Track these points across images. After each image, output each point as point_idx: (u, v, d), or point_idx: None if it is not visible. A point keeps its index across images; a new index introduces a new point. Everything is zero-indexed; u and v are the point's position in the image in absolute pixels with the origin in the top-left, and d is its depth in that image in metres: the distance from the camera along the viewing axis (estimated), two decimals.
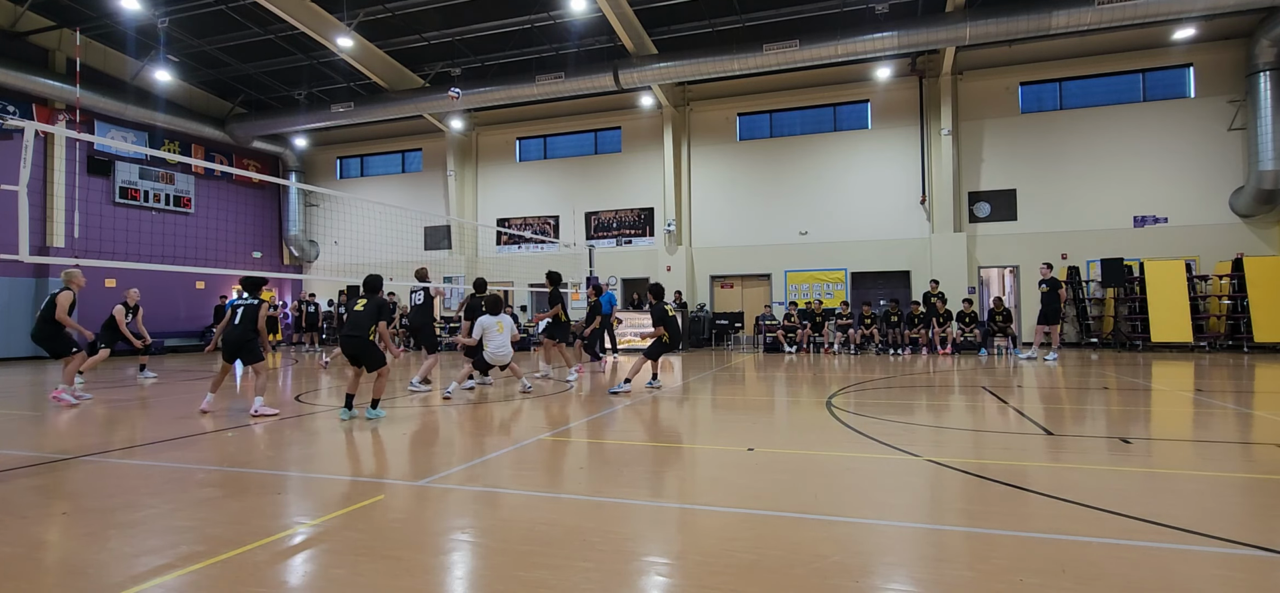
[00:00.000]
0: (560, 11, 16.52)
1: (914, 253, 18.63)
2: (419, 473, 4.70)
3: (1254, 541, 3.06)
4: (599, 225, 21.76)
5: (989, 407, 7.60)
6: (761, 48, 16.13)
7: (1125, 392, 8.48)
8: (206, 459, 5.10)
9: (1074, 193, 17.67)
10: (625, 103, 21.03)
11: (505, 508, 3.90)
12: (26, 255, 6.11)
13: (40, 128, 6.61)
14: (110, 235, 18.32)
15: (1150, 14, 13.94)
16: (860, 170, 19.32)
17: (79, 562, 3.05)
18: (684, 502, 4.01)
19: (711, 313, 20.13)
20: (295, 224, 24.49)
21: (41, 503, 3.99)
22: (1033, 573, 2.73)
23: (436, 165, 23.49)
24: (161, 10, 16.33)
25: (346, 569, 2.88)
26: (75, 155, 18.51)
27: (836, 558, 2.96)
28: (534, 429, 6.32)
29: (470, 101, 19.23)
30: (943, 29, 15.23)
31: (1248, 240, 16.22)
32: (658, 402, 8.17)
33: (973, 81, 18.45)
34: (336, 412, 7.25)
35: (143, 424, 7.00)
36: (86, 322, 10.91)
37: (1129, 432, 5.85)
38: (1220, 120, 16.68)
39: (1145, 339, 15.55)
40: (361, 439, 6.04)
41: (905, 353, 15.77)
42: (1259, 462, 4.82)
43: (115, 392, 9.78)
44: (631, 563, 2.97)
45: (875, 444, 5.41)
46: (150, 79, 19.44)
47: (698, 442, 5.92)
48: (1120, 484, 4.16)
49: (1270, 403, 7.45)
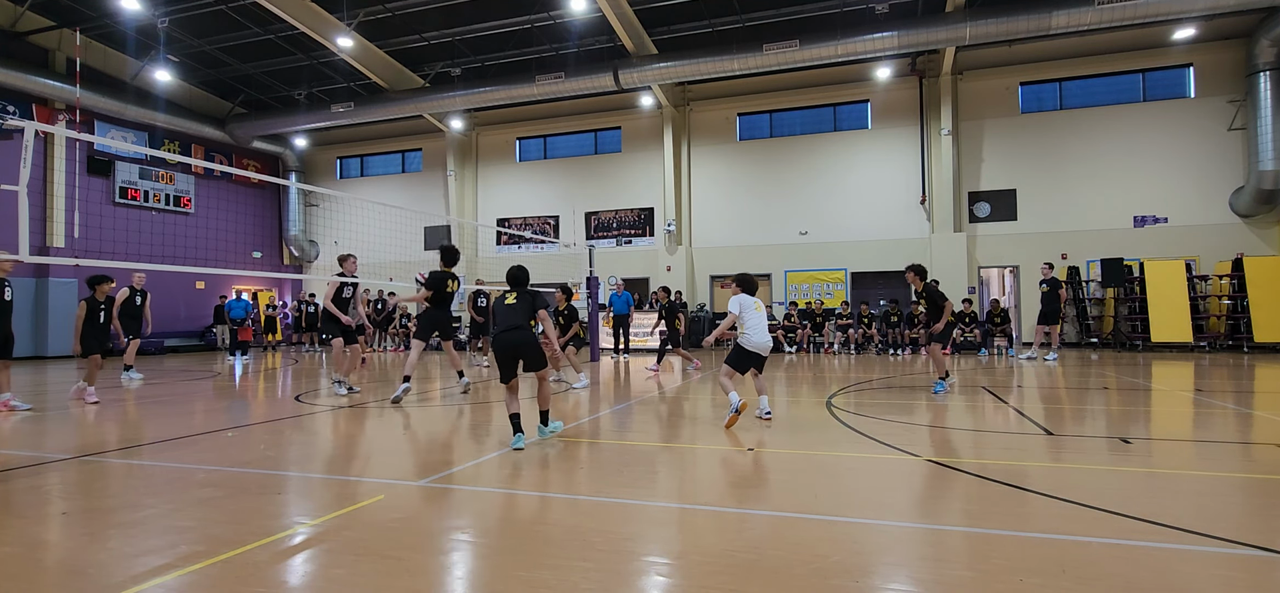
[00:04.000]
0: (560, 11, 16.52)
1: (914, 253, 18.61)
2: (419, 473, 4.70)
3: (1254, 541, 3.06)
4: (599, 225, 21.77)
5: (989, 407, 7.60)
6: (761, 48, 16.13)
7: (1125, 392, 8.48)
8: (206, 459, 5.10)
9: (1074, 193, 17.67)
10: (625, 103, 21.03)
11: (505, 508, 3.90)
12: (26, 255, 6.12)
13: (40, 128, 6.61)
14: (110, 235, 18.32)
15: (1150, 14, 13.95)
16: (860, 170, 19.32)
17: (79, 562, 3.05)
18: (684, 502, 4.01)
19: (711, 313, 20.13)
20: (295, 224, 24.49)
21: (41, 503, 3.99)
22: (1033, 573, 2.73)
23: (436, 165, 23.50)
24: (161, 10, 16.33)
25: (346, 569, 2.88)
26: (75, 155, 18.51)
27: (836, 558, 2.96)
28: (533, 430, 6.31)
29: (470, 101, 19.24)
30: (943, 29, 15.23)
31: (1248, 240, 16.22)
32: (658, 402, 8.17)
33: (973, 81, 18.45)
34: (508, 443, 5.33)
35: (142, 424, 7.00)
36: None
37: (1129, 432, 5.85)
38: (1220, 120, 16.68)
39: (1145, 339, 15.55)
40: (362, 439, 6.04)
41: (905, 353, 15.77)
42: (1259, 462, 4.82)
43: (107, 393, 9.78)
44: (631, 563, 2.97)
45: (875, 444, 5.41)
46: (150, 79, 19.44)
47: (698, 442, 5.91)
48: (1120, 484, 4.16)
49: (1270, 403, 7.45)
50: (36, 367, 14.94)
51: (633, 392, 9.19)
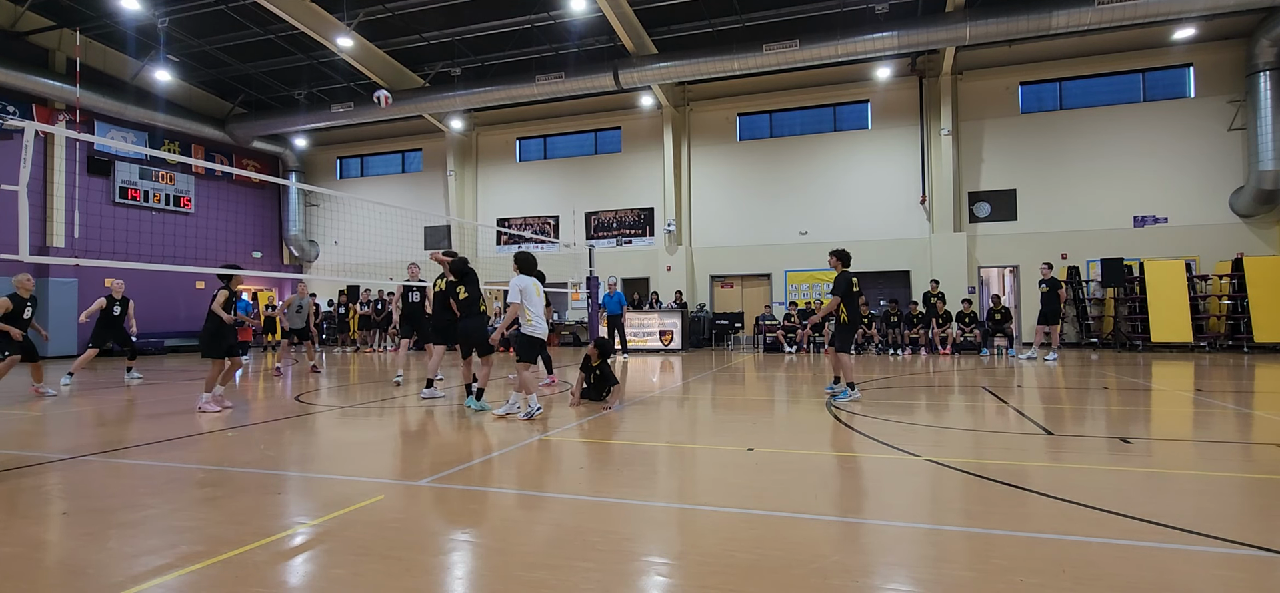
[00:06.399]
0: (560, 11, 16.52)
1: (914, 253, 18.63)
2: (419, 473, 4.70)
3: (1254, 541, 3.06)
4: (599, 225, 21.77)
5: (989, 407, 7.60)
6: (761, 48, 16.13)
7: (1125, 392, 8.48)
8: (206, 459, 5.10)
9: (1074, 193, 17.66)
10: (625, 103, 21.03)
11: (505, 508, 3.90)
12: (26, 255, 6.12)
13: (40, 128, 6.61)
14: (110, 235, 18.31)
15: (1150, 14, 13.94)
16: (860, 170, 19.32)
17: (79, 562, 3.05)
18: (684, 502, 4.01)
19: (711, 313, 20.14)
20: (295, 224, 24.49)
21: (41, 503, 3.99)
22: (1033, 573, 2.73)
23: (436, 165, 23.50)
24: (161, 10, 16.32)
25: (346, 569, 2.88)
26: (75, 155, 18.51)
27: (836, 558, 2.96)
28: (533, 430, 6.31)
29: (470, 101, 19.24)
30: (943, 29, 15.23)
31: (1248, 240, 16.22)
32: (658, 402, 8.16)
33: (973, 81, 18.45)
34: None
35: (142, 424, 6.99)
36: (89, 324, 10.95)
37: (1129, 432, 5.85)
38: (1220, 120, 16.68)
39: (1145, 339, 15.55)
40: (362, 439, 6.04)
41: (905, 353, 15.77)
42: (1259, 462, 4.82)
43: (106, 393, 9.78)
44: (631, 563, 2.97)
45: (875, 444, 5.41)
46: (150, 79, 19.44)
47: (698, 442, 5.92)
48: (1120, 484, 4.16)
49: (1270, 403, 7.45)
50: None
51: (632, 392, 9.18)
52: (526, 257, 7.15)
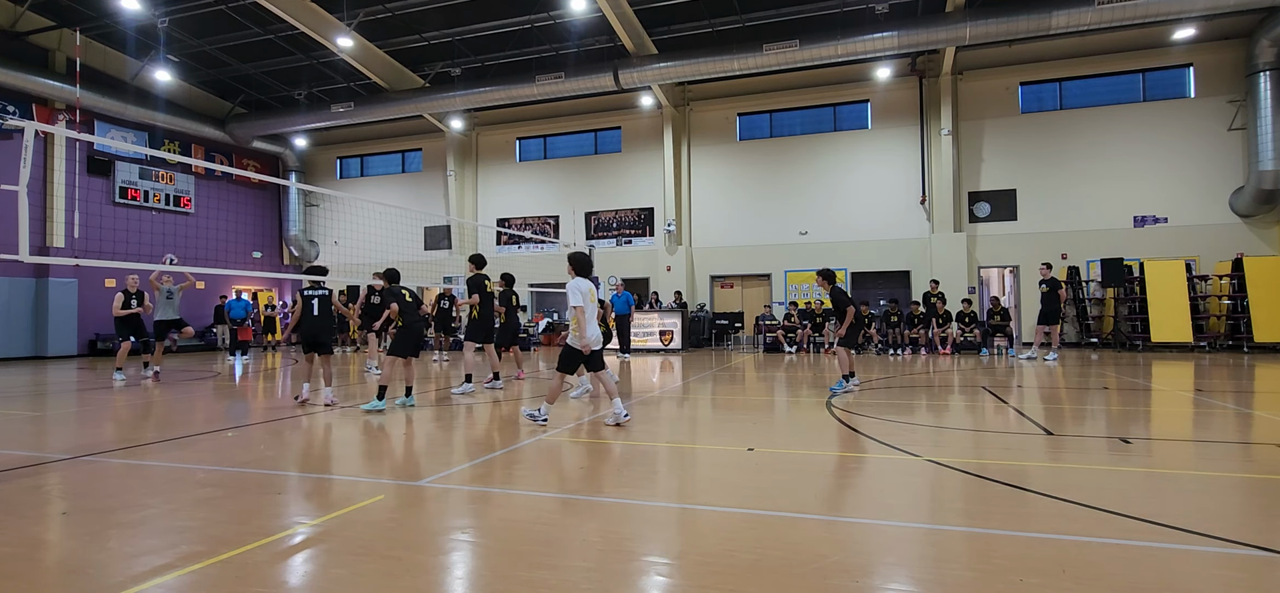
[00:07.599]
0: (560, 11, 16.52)
1: (914, 253, 18.63)
2: (419, 473, 4.70)
3: (1254, 541, 3.06)
4: (599, 225, 21.77)
5: (989, 407, 7.60)
6: (761, 48, 16.13)
7: (1125, 392, 8.48)
8: (206, 459, 5.10)
9: (1074, 193, 17.67)
10: (625, 103, 21.03)
11: (505, 508, 3.90)
12: (26, 255, 6.11)
13: (40, 128, 6.61)
14: (110, 235, 18.32)
15: (1150, 14, 13.94)
16: (860, 170, 19.32)
17: (79, 562, 3.05)
18: (684, 502, 4.01)
19: (711, 313, 20.13)
20: (295, 224, 24.49)
21: (41, 503, 3.99)
22: (1033, 573, 2.73)
23: (436, 165, 23.50)
24: (161, 10, 16.33)
25: (346, 569, 2.88)
26: (75, 155, 18.52)
27: (836, 558, 2.96)
28: (533, 430, 6.31)
29: (470, 101, 19.25)
30: (943, 29, 15.23)
31: (1248, 240, 16.22)
32: (658, 402, 8.17)
33: (973, 81, 18.45)
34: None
35: (142, 424, 7.00)
36: (87, 321, 10.94)
37: (1129, 432, 5.85)
38: (1220, 120, 16.68)
39: (1145, 339, 15.55)
40: (362, 439, 6.04)
41: (905, 353, 15.77)
42: (1259, 462, 4.82)
43: (106, 392, 9.77)
44: (631, 563, 2.97)
45: (875, 444, 5.41)
46: (150, 79, 19.44)
47: (698, 442, 5.92)
48: (1120, 484, 4.16)
49: (1270, 403, 7.45)
50: (36, 367, 14.93)
51: (632, 391, 9.19)
52: (582, 257, 6.60)
